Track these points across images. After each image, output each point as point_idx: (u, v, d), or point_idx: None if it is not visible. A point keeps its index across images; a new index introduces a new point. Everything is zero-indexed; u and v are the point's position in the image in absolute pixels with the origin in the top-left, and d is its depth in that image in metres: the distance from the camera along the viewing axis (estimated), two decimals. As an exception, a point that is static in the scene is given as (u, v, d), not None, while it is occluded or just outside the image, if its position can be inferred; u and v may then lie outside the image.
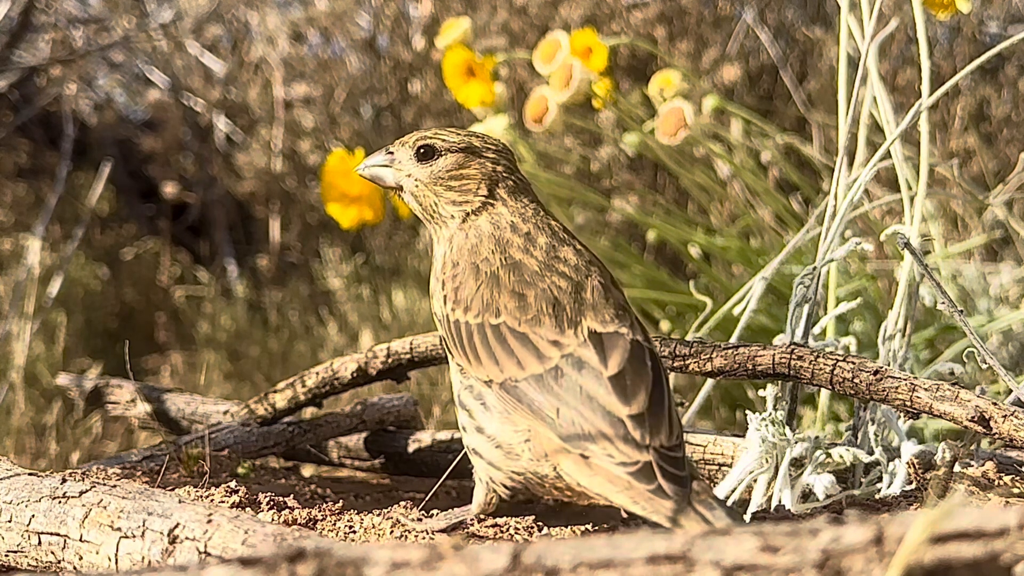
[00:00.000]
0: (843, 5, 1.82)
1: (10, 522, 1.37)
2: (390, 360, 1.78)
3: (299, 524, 1.39)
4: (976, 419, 1.42)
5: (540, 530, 1.39)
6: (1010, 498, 1.46)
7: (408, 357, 1.77)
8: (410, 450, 1.90)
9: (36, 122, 3.65)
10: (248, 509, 1.42)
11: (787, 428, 1.58)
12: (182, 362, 3.11)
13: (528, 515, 1.42)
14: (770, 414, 1.57)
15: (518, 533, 1.38)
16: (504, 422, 1.32)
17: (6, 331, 2.75)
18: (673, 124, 2.46)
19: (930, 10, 1.82)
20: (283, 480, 1.91)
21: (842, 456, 1.59)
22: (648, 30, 3.37)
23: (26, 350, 2.70)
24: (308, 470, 2.08)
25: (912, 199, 1.80)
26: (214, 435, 1.77)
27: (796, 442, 1.58)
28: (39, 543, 1.34)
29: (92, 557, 1.29)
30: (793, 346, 1.55)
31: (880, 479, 1.64)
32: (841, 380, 1.51)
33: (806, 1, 3.64)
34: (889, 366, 1.57)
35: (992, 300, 2.46)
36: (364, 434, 1.94)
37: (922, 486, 1.52)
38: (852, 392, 1.51)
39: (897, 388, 1.47)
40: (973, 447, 1.59)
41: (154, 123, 3.70)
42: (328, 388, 1.82)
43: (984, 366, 1.56)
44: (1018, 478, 1.52)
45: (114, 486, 1.34)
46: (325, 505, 1.46)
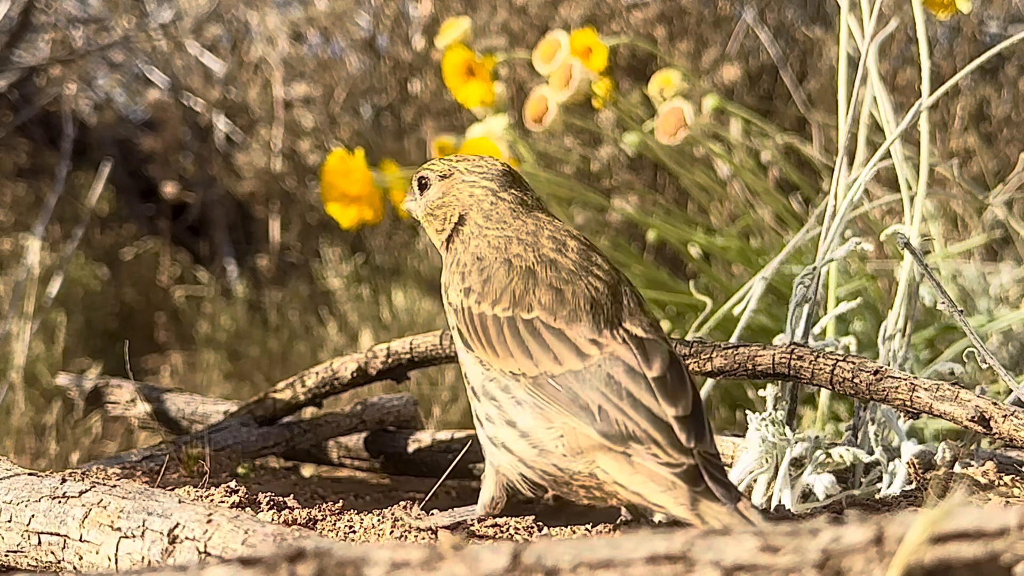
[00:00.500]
0: (843, 5, 1.82)
1: (10, 522, 1.37)
2: (390, 360, 1.78)
3: (299, 524, 1.39)
4: (976, 419, 1.42)
5: (540, 530, 1.40)
6: (1010, 498, 1.46)
7: (408, 357, 1.77)
8: (410, 450, 1.90)
9: (36, 122, 3.64)
10: (248, 509, 1.41)
11: (787, 428, 1.58)
12: (182, 362, 3.11)
13: (528, 515, 1.42)
14: (770, 414, 1.57)
15: (518, 533, 1.38)
16: (537, 416, 1.30)
17: (6, 331, 2.75)
18: (673, 124, 2.46)
19: (930, 10, 1.82)
20: (283, 480, 1.91)
21: (842, 456, 1.59)
22: (648, 30, 3.37)
23: (26, 350, 2.70)
24: (308, 470, 2.08)
25: (912, 199, 1.80)
26: (214, 435, 1.77)
27: (796, 442, 1.58)
28: (39, 543, 1.34)
29: (92, 557, 1.29)
30: (793, 346, 1.55)
31: (880, 479, 1.64)
32: (841, 380, 1.51)
33: (806, 1, 3.64)
34: (889, 366, 1.57)
35: (992, 300, 2.46)
36: (364, 434, 1.94)
37: (922, 486, 1.52)
38: (852, 392, 1.51)
39: (897, 388, 1.47)
40: (973, 447, 1.59)
41: (154, 123, 3.69)
42: (328, 388, 1.82)
43: (984, 366, 1.56)
44: (1018, 478, 1.52)
45: (114, 486, 1.34)
46: (325, 505, 1.45)
